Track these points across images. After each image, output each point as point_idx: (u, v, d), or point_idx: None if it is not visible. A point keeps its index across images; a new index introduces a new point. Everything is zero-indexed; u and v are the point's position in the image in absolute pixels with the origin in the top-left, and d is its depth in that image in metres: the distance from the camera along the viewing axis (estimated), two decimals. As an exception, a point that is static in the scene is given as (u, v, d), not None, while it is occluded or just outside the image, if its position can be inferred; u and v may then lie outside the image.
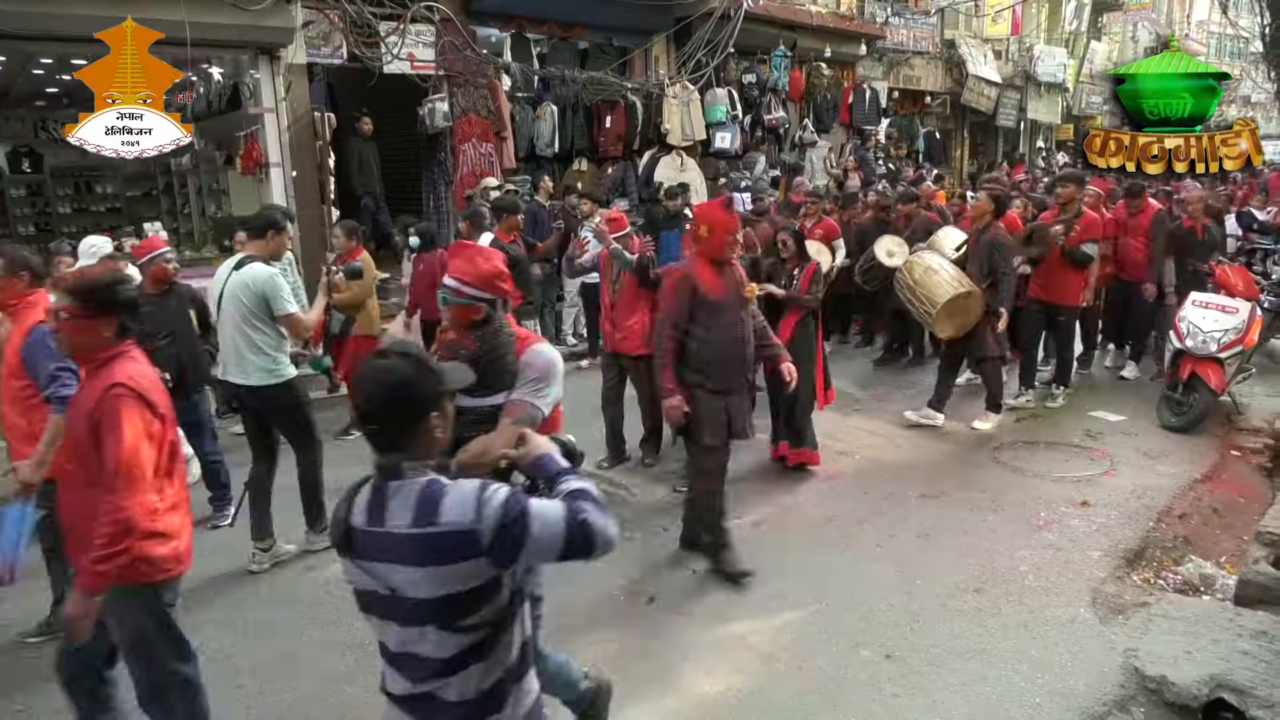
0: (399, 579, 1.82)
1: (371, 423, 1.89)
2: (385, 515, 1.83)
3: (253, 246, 4.80)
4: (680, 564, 4.77)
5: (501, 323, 2.83)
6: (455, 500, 1.81)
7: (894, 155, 16.72)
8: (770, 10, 13.22)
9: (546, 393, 2.76)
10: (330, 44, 8.91)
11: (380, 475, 1.88)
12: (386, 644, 1.93)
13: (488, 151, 10.18)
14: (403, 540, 1.80)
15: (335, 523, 1.90)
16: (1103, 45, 25.49)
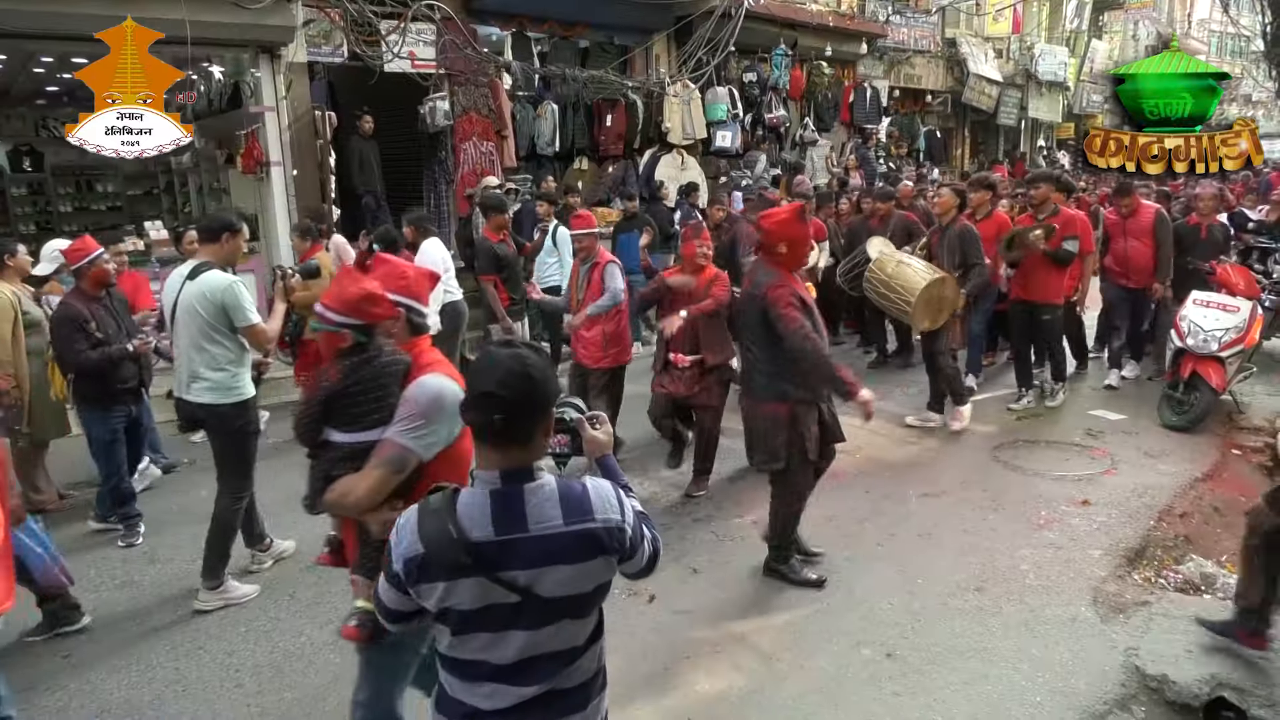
0: (546, 580, 1.78)
1: (506, 412, 1.76)
2: (526, 519, 1.78)
3: (207, 251, 4.40)
4: (680, 563, 4.77)
5: (378, 352, 2.54)
6: (600, 498, 1.85)
7: (895, 154, 16.72)
8: (771, 9, 13.21)
9: (425, 433, 2.41)
10: (331, 42, 8.90)
11: (509, 480, 1.80)
12: (494, 659, 1.83)
13: (488, 150, 10.17)
14: (559, 539, 1.78)
15: (450, 545, 1.75)
16: (1104, 44, 25.47)
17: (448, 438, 2.46)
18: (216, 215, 4.77)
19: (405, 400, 2.44)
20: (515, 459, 1.81)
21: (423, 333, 2.69)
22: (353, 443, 2.49)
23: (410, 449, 2.40)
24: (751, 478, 5.94)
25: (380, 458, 2.40)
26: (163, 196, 12.60)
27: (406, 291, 2.64)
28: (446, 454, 2.47)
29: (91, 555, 5.02)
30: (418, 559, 1.79)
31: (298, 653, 4.01)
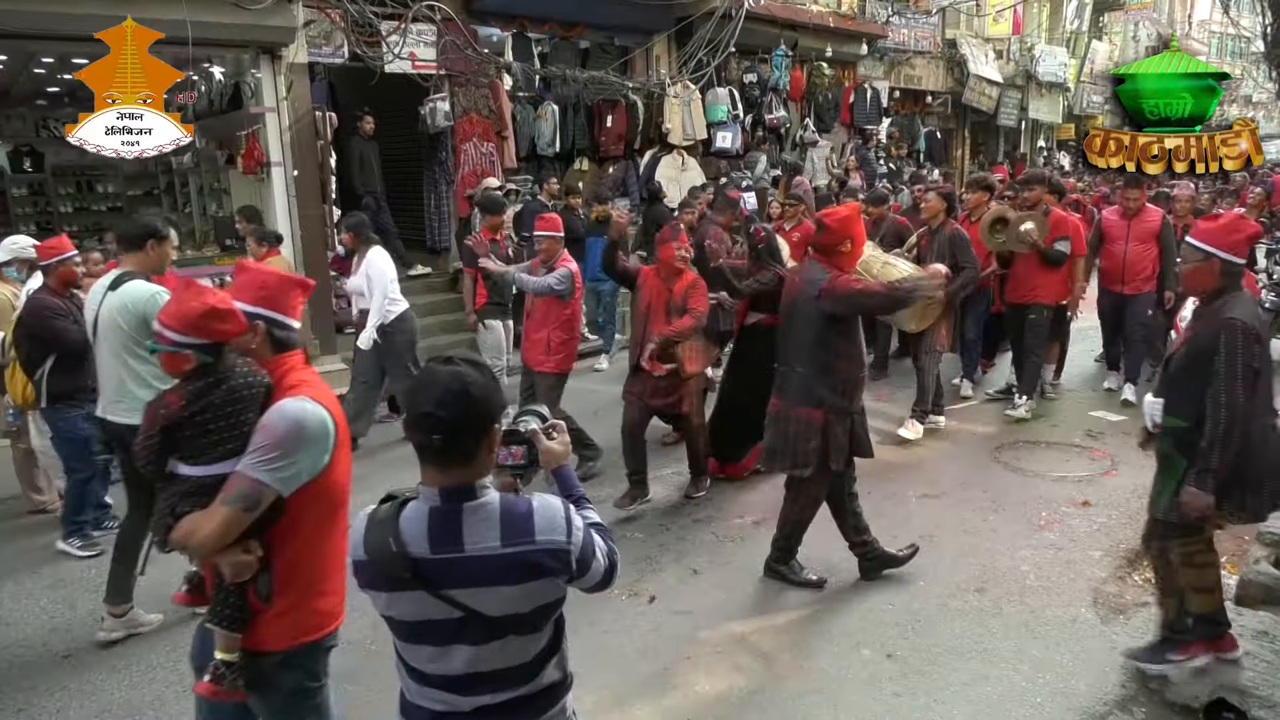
0: (484, 600, 1.76)
1: (445, 432, 1.74)
2: (462, 539, 1.76)
3: (130, 260, 4.07)
4: (680, 563, 4.77)
5: (229, 374, 2.23)
6: (545, 518, 1.81)
7: (895, 155, 16.72)
8: (771, 10, 13.21)
9: (282, 464, 2.13)
10: (332, 43, 8.90)
11: (448, 498, 1.78)
12: (443, 671, 1.84)
13: (489, 151, 10.18)
14: (495, 561, 1.76)
15: (391, 559, 1.75)
16: (1104, 45, 25.49)
17: (311, 469, 2.20)
18: (140, 219, 4.36)
19: (260, 428, 2.17)
20: (456, 477, 1.78)
21: (289, 348, 2.36)
22: (201, 476, 2.22)
23: (264, 483, 2.12)
24: (751, 480, 5.95)
25: (229, 493, 2.12)
26: (163, 197, 12.60)
27: (267, 302, 2.33)
28: (312, 488, 2.22)
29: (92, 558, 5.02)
30: (362, 565, 1.81)
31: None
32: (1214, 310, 3.35)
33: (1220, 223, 3.45)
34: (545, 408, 2.16)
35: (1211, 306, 3.38)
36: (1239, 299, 3.35)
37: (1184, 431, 3.38)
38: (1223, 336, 3.25)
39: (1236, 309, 3.30)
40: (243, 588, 2.23)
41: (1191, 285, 3.49)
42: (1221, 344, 3.25)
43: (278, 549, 2.24)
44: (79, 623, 4.34)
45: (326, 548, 2.34)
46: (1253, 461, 3.33)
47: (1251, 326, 3.26)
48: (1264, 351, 3.30)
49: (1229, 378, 3.23)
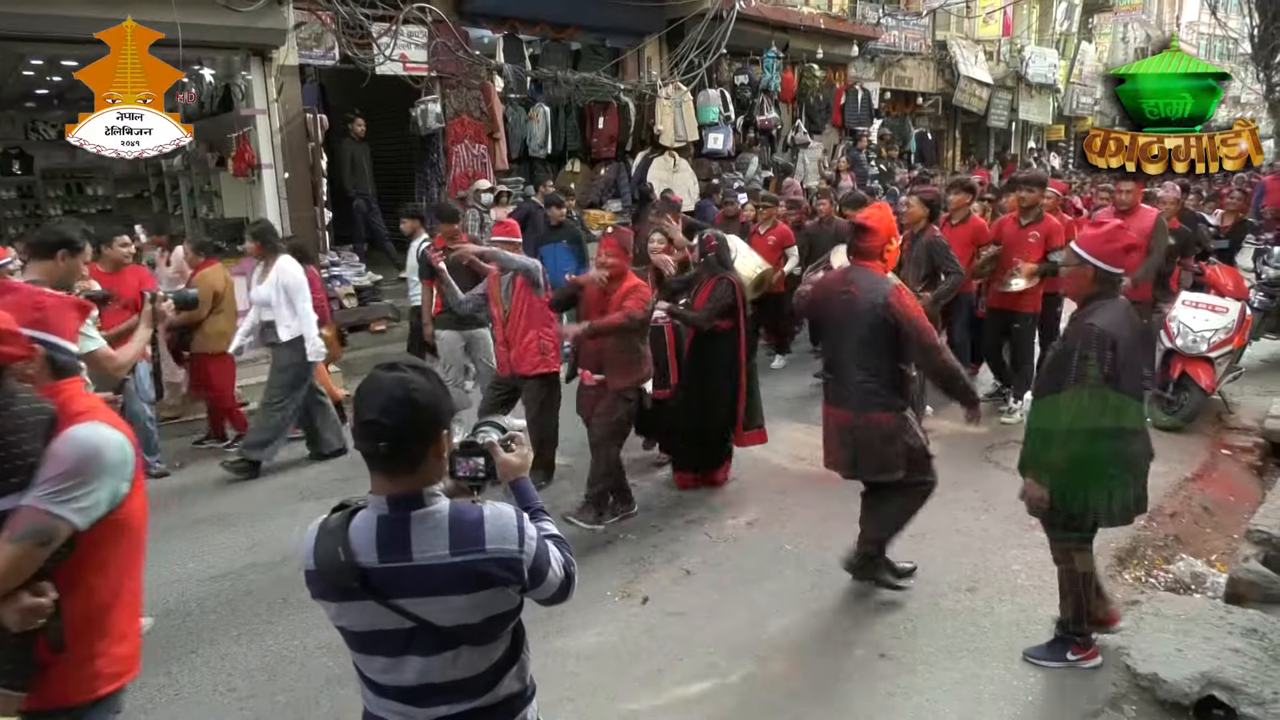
0: (433, 609, 1.74)
1: (388, 439, 1.72)
2: (410, 547, 1.73)
3: (37, 269, 3.84)
4: (674, 564, 4.78)
5: (10, 399, 1.95)
6: (496, 527, 1.78)
7: (886, 156, 16.78)
8: (762, 11, 13.25)
9: (77, 495, 1.93)
10: (322, 45, 8.89)
11: (396, 506, 1.76)
12: (396, 682, 1.82)
13: (480, 153, 10.19)
14: (443, 570, 1.73)
15: (339, 569, 1.73)
16: (1093, 46, 25.62)
17: (111, 500, 2.00)
18: (58, 228, 4.13)
19: (50, 457, 1.94)
20: (404, 484, 1.76)
21: (70, 374, 2.17)
22: None
23: (58, 516, 1.91)
24: (745, 480, 5.96)
25: (16, 530, 1.89)
26: (153, 199, 12.57)
27: (43, 325, 2.15)
28: (111, 520, 2.03)
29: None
30: (313, 575, 1.78)
31: (290, 656, 4.00)
32: (1083, 315, 3.48)
33: (1100, 231, 3.55)
34: (506, 419, 2.11)
35: (1083, 311, 3.50)
36: (1109, 306, 3.46)
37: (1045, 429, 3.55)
38: (1080, 340, 3.40)
39: (1102, 316, 3.41)
40: (29, 637, 1.96)
41: (1069, 290, 3.63)
42: (1078, 348, 3.39)
43: (71, 590, 1.99)
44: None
45: (126, 586, 2.15)
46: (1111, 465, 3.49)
47: (1108, 334, 3.36)
48: (1116, 358, 3.39)
49: (1078, 380, 3.37)
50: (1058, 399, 3.45)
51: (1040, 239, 6.72)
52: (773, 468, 6.18)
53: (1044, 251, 6.69)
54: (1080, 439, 3.42)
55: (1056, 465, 3.49)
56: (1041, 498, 3.53)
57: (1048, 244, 6.69)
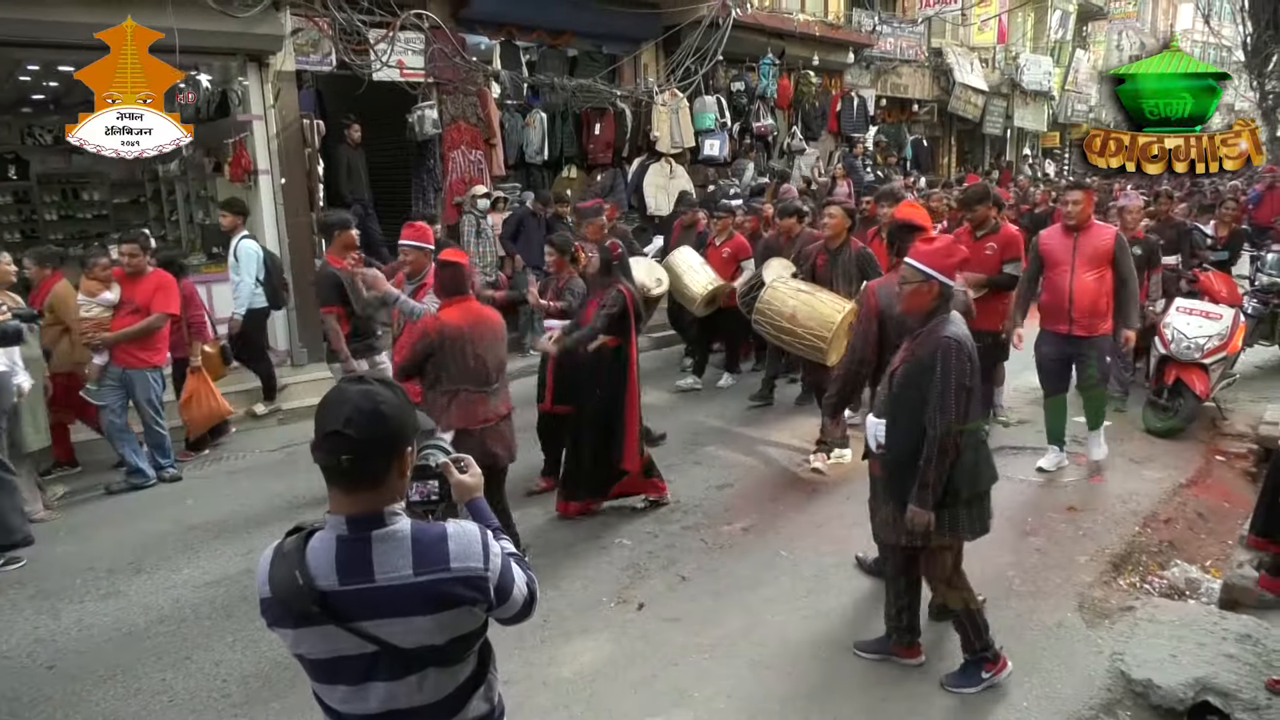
0: (396, 631, 1.69)
1: (353, 452, 1.66)
2: (372, 568, 1.68)
3: None
4: (669, 570, 4.78)
5: None
6: (460, 545, 1.74)
7: (882, 163, 16.82)
8: (759, 19, 13.29)
9: None
10: (319, 51, 8.90)
11: (356, 526, 1.70)
12: (360, 710, 1.76)
13: (477, 159, 10.18)
14: (406, 590, 1.68)
15: (297, 593, 1.65)
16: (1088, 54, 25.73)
17: None
18: None
19: None
20: (365, 502, 1.70)
21: None
22: None
23: None
24: (740, 486, 5.97)
25: None
26: (149, 205, 12.53)
27: None
28: None
29: (77, 566, 4.99)
30: (269, 602, 1.71)
31: (285, 662, 3.99)
32: (930, 330, 3.44)
33: (937, 246, 3.52)
34: (446, 439, 2.12)
35: (927, 327, 3.45)
36: (952, 319, 3.45)
37: (909, 453, 3.43)
38: (939, 355, 3.34)
39: (950, 328, 3.40)
40: None
41: (910, 306, 3.53)
42: (939, 362, 3.34)
43: None
44: (63, 633, 4.31)
45: None
46: (966, 479, 3.46)
47: (965, 346, 3.37)
48: (975, 370, 3.41)
49: (944, 395, 3.33)
50: (930, 417, 3.33)
51: (997, 250, 6.20)
52: (767, 474, 6.18)
53: (1000, 263, 6.17)
54: (956, 456, 3.41)
55: (936, 484, 3.39)
56: (929, 521, 3.42)
57: (1004, 254, 6.18)
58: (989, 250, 6.20)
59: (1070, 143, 26.73)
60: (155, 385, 6.17)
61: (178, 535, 5.36)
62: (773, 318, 6.07)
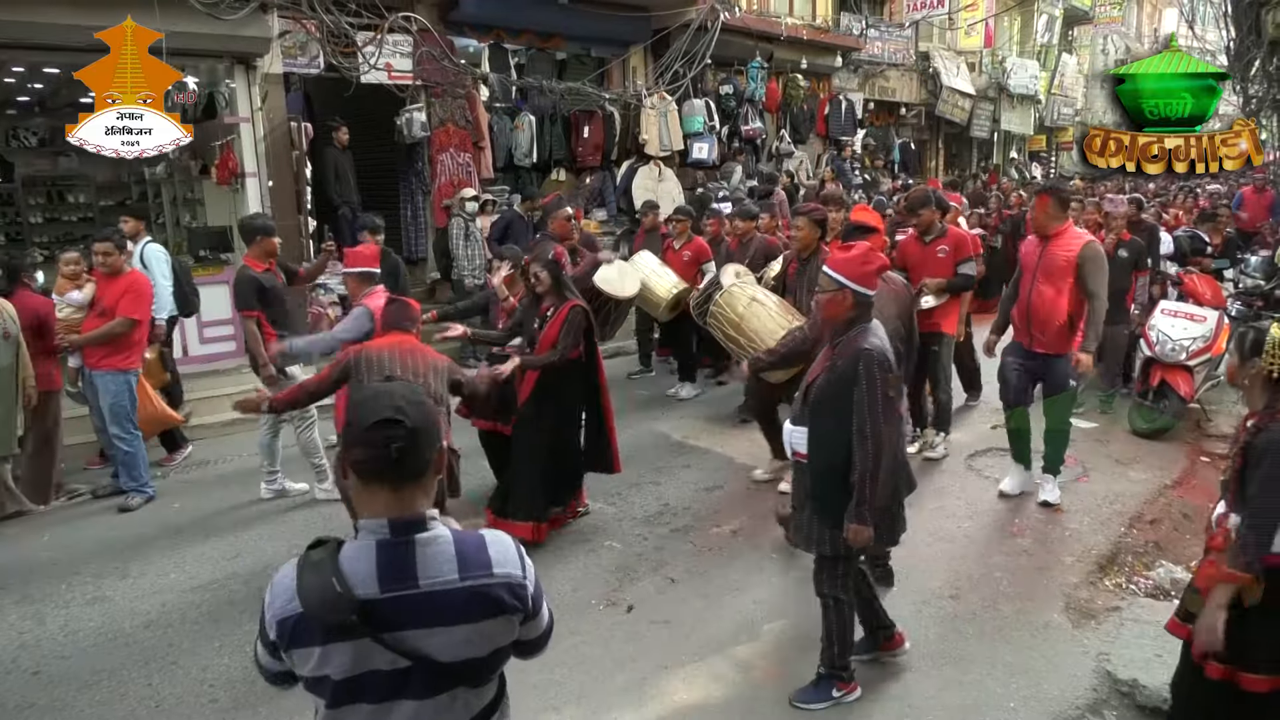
0: (438, 643, 1.61)
1: (403, 439, 1.58)
2: (416, 573, 1.61)
3: None
4: (659, 573, 4.78)
5: None
6: (500, 551, 1.69)
7: (870, 166, 16.89)
8: (747, 22, 13.33)
9: None
10: (307, 54, 8.88)
11: (398, 530, 1.62)
12: None
13: (465, 161, 10.18)
14: (453, 596, 1.61)
15: (335, 603, 1.55)
16: (1073, 58, 25.91)
17: None
18: None
19: None
20: (408, 502, 1.63)
21: None
22: None
23: None
24: (730, 488, 5.98)
25: None
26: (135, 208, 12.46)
27: None
28: None
29: (62, 570, 4.96)
30: (293, 619, 1.59)
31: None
32: (849, 340, 3.39)
33: (852, 254, 3.47)
34: None
35: (846, 336, 3.41)
36: (871, 329, 3.41)
37: (830, 463, 3.39)
38: (861, 366, 3.29)
39: (870, 338, 3.36)
40: None
41: (827, 315, 3.52)
42: (861, 373, 3.28)
43: None
44: (48, 638, 4.28)
45: None
46: (887, 488, 3.42)
47: (885, 356, 3.33)
48: (896, 379, 3.39)
49: (871, 407, 3.27)
50: (860, 430, 3.28)
51: (950, 252, 6.13)
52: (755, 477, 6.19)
53: (954, 265, 6.13)
54: (893, 462, 3.39)
55: (875, 498, 3.33)
56: (870, 536, 3.35)
57: (956, 256, 6.13)
58: (941, 253, 6.16)
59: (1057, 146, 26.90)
60: (122, 392, 5.82)
61: (165, 539, 5.33)
62: (723, 322, 5.91)
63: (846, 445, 3.33)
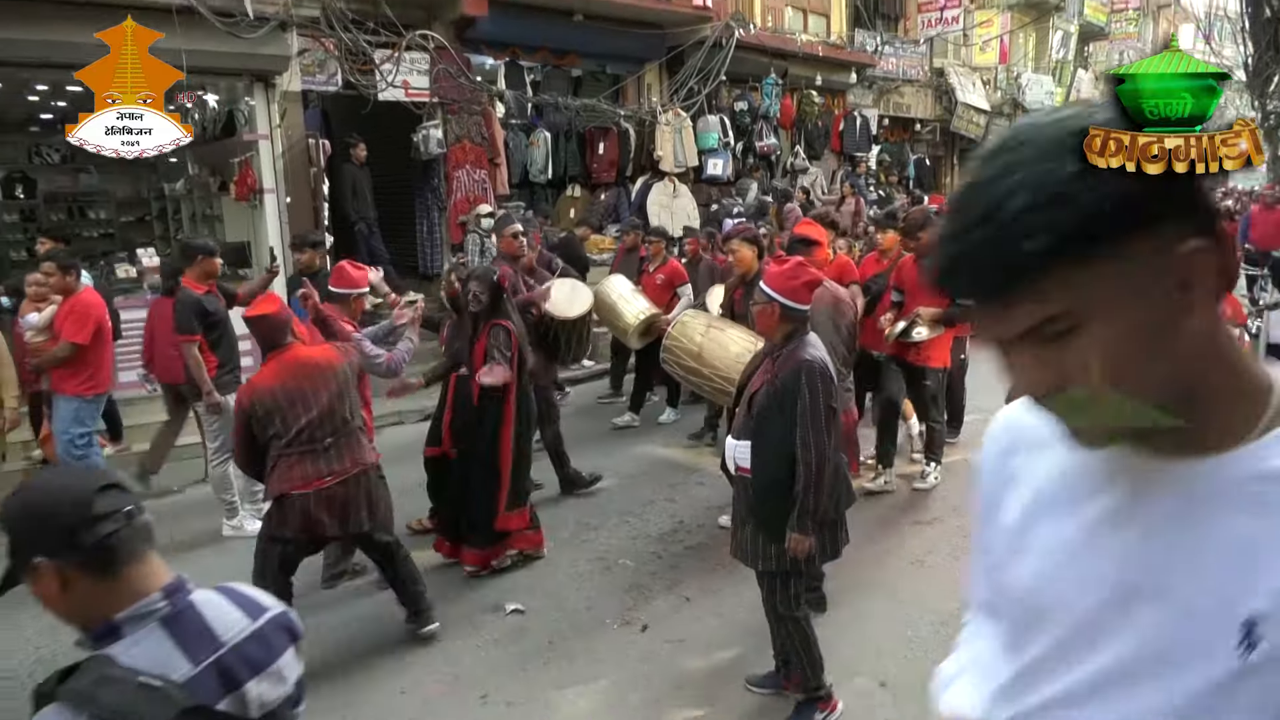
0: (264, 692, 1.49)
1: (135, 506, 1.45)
2: (214, 631, 1.49)
3: None
4: (673, 591, 4.75)
5: None
6: (248, 591, 1.60)
7: (885, 182, 16.87)
8: (762, 39, 13.38)
9: None
10: (325, 71, 8.97)
11: (172, 594, 1.46)
12: None
13: (481, 178, 10.24)
14: (255, 639, 1.52)
15: (159, 702, 1.32)
16: (1089, 74, 25.85)
17: None
18: None
19: None
20: (161, 567, 1.46)
21: None
22: None
23: None
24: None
25: None
26: (155, 223, 12.61)
27: None
28: None
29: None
30: None
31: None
32: (789, 352, 3.39)
33: (783, 269, 3.48)
34: None
35: (786, 349, 3.41)
36: (809, 341, 3.42)
37: (774, 477, 3.36)
38: (803, 377, 3.29)
39: (810, 350, 3.36)
40: None
41: (760, 328, 3.56)
42: (803, 385, 3.28)
43: None
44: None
45: None
46: (829, 502, 3.42)
47: (826, 367, 3.34)
48: (838, 391, 3.39)
49: (814, 418, 3.27)
50: (803, 441, 3.27)
51: None
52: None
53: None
54: (833, 477, 3.37)
55: (819, 509, 3.32)
56: (811, 546, 3.33)
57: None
58: None
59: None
60: (77, 420, 5.59)
61: (176, 556, 5.34)
62: (680, 356, 5.44)
63: (789, 459, 3.32)
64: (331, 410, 3.87)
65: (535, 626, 4.39)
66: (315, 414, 3.82)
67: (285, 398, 3.79)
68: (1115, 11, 26.14)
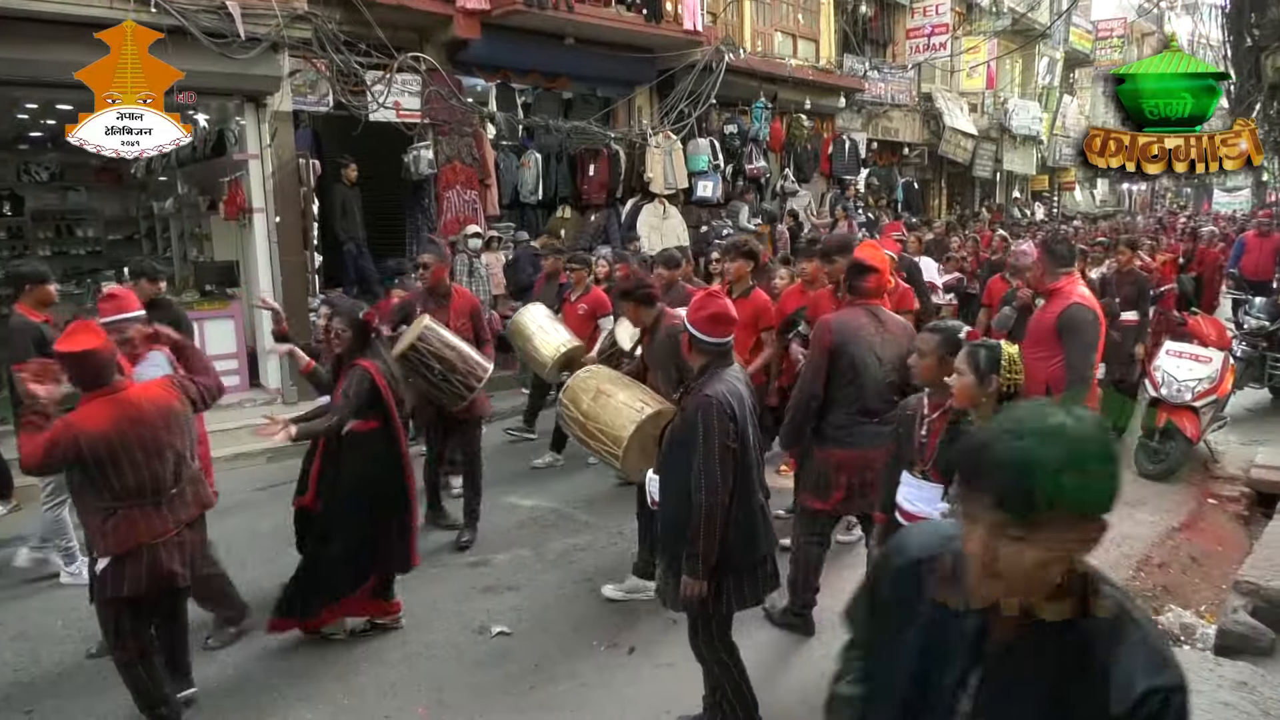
0: None
1: None
2: None
3: None
4: (660, 614, 4.72)
5: None
6: None
7: (873, 204, 17.00)
8: (751, 63, 13.50)
9: None
10: (317, 92, 9.00)
11: None
12: None
13: (471, 199, 10.27)
14: None
15: None
16: (1074, 100, 26.17)
17: None
18: None
19: None
20: None
21: None
22: None
23: None
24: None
25: None
26: (143, 242, 12.57)
27: None
28: None
29: (59, 607, 4.91)
30: None
31: (269, 707, 3.92)
32: (699, 387, 3.25)
33: (696, 298, 3.41)
34: None
35: (698, 383, 3.27)
36: (718, 376, 3.23)
37: (677, 516, 3.22)
38: (700, 414, 3.14)
39: (715, 385, 3.19)
40: None
41: (683, 354, 3.54)
42: (700, 421, 3.13)
43: None
44: (43, 676, 4.23)
45: None
46: (741, 544, 3.23)
47: (726, 404, 3.14)
48: (740, 430, 3.17)
49: (707, 457, 3.11)
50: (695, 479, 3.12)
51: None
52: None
53: None
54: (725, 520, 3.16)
55: (709, 551, 3.13)
56: (702, 589, 3.19)
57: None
58: None
59: (1059, 186, 27.07)
60: None
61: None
62: (569, 422, 4.72)
63: (689, 497, 3.15)
64: (179, 453, 3.53)
65: (521, 649, 4.35)
66: (162, 460, 3.45)
67: (124, 444, 3.34)
68: (1100, 39, 26.52)
